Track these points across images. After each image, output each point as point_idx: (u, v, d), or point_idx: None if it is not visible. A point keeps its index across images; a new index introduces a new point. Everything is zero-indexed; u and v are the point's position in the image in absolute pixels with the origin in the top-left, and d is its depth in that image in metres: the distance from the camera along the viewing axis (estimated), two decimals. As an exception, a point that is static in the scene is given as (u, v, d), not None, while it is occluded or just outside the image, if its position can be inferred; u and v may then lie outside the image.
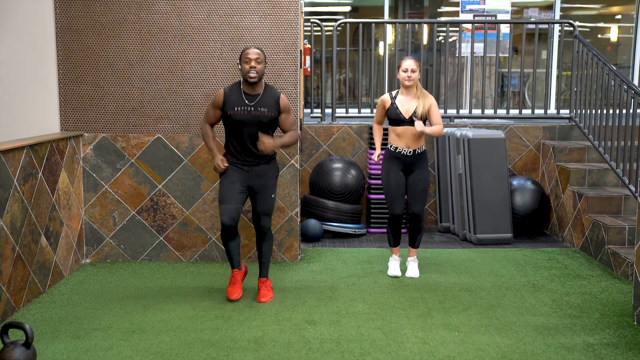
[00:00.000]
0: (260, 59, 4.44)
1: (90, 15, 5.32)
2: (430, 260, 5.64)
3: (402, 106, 4.99)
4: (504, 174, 6.35)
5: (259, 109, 4.48)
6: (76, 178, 5.37)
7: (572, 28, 7.06)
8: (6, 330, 3.23)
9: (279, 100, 4.55)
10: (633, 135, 5.54)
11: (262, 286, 4.67)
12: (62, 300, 4.61)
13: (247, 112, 4.47)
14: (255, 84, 4.49)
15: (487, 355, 3.70)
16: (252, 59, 4.42)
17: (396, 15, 10.51)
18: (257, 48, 4.48)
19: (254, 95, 4.51)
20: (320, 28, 7.21)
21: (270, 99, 4.53)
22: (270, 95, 4.54)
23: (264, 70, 4.49)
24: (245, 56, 4.45)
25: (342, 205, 6.50)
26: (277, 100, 4.54)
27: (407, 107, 4.99)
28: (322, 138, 6.98)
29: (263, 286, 4.67)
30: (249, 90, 4.51)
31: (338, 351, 3.75)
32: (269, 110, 4.50)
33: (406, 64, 4.96)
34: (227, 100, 4.51)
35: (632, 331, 4.08)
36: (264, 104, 4.50)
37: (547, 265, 5.53)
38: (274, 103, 4.53)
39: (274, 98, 4.54)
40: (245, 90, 4.52)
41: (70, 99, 5.40)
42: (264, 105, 4.50)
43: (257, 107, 4.48)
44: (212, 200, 5.51)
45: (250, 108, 4.47)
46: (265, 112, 4.49)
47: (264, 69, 4.49)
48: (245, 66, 4.44)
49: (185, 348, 3.79)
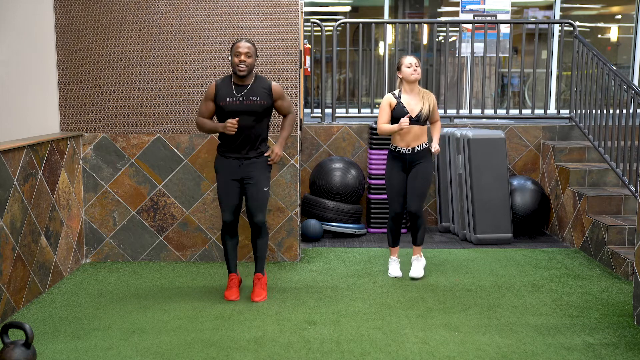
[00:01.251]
0: (250, 52, 4.47)
1: (90, 15, 5.32)
2: (430, 260, 5.64)
3: (407, 105, 4.98)
4: (504, 174, 6.34)
5: (250, 99, 4.51)
6: (76, 178, 5.37)
7: (572, 28, 7.06)
8: (6, 330, 3.23)
9: (271, 88, 4.58)
10: (633, 135, 5.53)
11: (257, 283, 4.68)
12: (62, 300, 4.61)
13: (239, 102, 4.50)
14: (245, 77, 4.52)
15: (487, 355, 3.70)
16: (242, 52, 4.45)
17: (396, 15, 10.52)
18: (248, 41, 4.50)
19: (244, 86, 4.54)
20: (320, 28, 7.21)
21: (261, 88, 4.56)
22: (260, 84, 4.58)
23: (254, 64, 4.52)
24: (235, 49, 4.47)
25: (342, 205, 6.50)
26: (269, 89, 4.58)
27: (412, 105, 4.97)
28: (322, 138, 6.98)
29: (258, 283, 4.68)
30: (239, 81, 4.55)
31: (338, 351, 3.75)
32: (261, 98, 4.53)
33: (408, 60, 4.95)
34: (219, 91, 4.55)
35: (632, 331, 4.08)
36: (254, 93, 4.53)
37: (547, 265, 5.53)
38: (265, 91, 4.56)
39: (265, 87, 4.57)
40: (235, 81, 4.56)
41: (70, 99, 5.40)
42: (255, 94, 4.53)
43: (249, 97, 4.51)
44: (212, 200, 5.51)
45: (242, 98, 4.50)
46: (257, 101, 4.52)
47: (254, 62, 4.52)
48: (235, 59, 4.47)
49: (185, 348, 3.79)
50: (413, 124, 4.95)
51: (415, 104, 4.98)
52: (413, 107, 4.96)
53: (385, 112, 5.02)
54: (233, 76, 4.57)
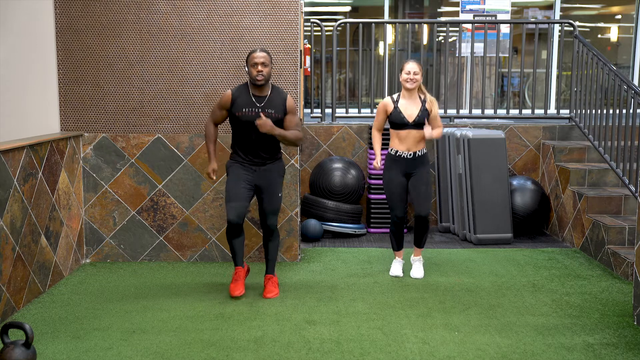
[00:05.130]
0: (266, 62, 4.49)
1: (90, 15, 5.32)
2: (430, 260, 5.64)
3: (405, 110, 4.97)
4: (504, 174, 6.34)
5: (266, 110, 4.53)
6: (76, 178, 5.37)
7: (572, 28, 7.06)
8: (6, 330, 3.23)
9: (286, 102, 4.60)
10: (633, 135, 5.53)
11: (268, 282, 4.72)
12: (62, 300, 4.61)
13: (255, 113, 4.52)
14: (262, 86, 4.54)
15: (487, 355, 3.70)
16: (258, 62, 4.46)
17: (396, 15, 10.51)
18: (264, 50, 4.51)
19: (262, 97, 4.56)
20: (320, 28, 7.21)
21: (278, 100, 4.58)
22: (277, 96, 4.59)
23: (270, 73, 4.54)
24: (252, 60, 4.48)
25: (342, 205, 6.50)
26: (284, 102, 4.59)
27: (410, 111, 4.97)
28: (322, 138, 6.98)
29: (269, 282, 4.72)
30: (257, 92, 4.56)
31: (338, 351, 3.75)
32: (276, 111, 4.55)
33: (409, 67, 4.94)
34: (235, 101, 4.55)
35: (632, 331, 4.08)
36: (272, 105, 4.55)
37: (547, 265, 5.53)
38: (281, 104, 4.58)
39: (281, 99, 4.59)
40: (253, 92, 4.56)
41: (70, 99, 5.40)
42: (272, 106, 4.55)
43: (265, 109, 4.53)
44: (212, 200, 5.51)
45: (259, 110, 4.52)
46: (272, 114, 4.54)
47: (270, 71, 4.54)
48: (252, 70, 4.48)
49: (185, 348, 3.79)
50: (412, 129, 4.95)
51: (413, 109, 4.97)
52: (410, 113, 4.96)
53: (380, 117, 5.07)
54: (250, 86, 4.57)
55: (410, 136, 4.96)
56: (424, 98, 5.01)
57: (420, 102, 4.99)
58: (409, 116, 4.95)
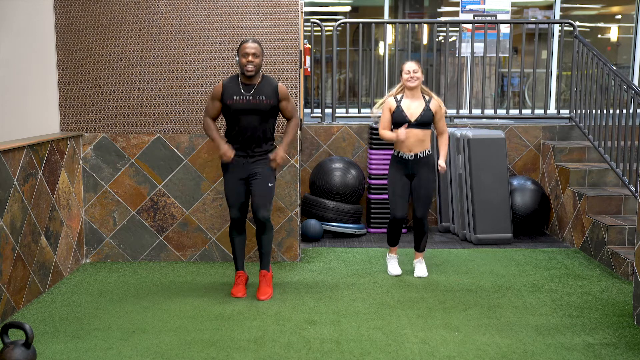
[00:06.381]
0: (257, 52, 4.51)
1: (90, 15, 5.32)
2: (430, 260, 5.64)
3: (407, 109, 4.97)
4: (504, 174, 6.34)
5: (257, 97, 4.55)
6: (76, 178, 5.37)
7: (572, 28, 7.06)
8: (6, 330, 3.23)
9: (277, 89, 4.62)
10: (633, 135, 5.53)
11: (262, 280, 4.70)
12: (62, 300, 4.61)
13: (245, 100, 4.54)
14: (252, 76, 4.55)
15: (487, 355, 3.70)
16: (249, 53, 4.49)
17: (396, 15, 10.51)
18: (255, 41, 4.54)
19: (252, 85, 4.58)
20: (320, 28, 7.21)
21: (268, 87, 4.59)
22: (267, 84, 4.61)
23: (261, 64, 4.57)
24: (243, 50, 4.51)
25: (342, 205, 6.50)
26: (276, 89, 4.61)
27: (412, 110, 4.97)
28: (322, 138, 6.98)
29: (263, 280, 4.69)
30: (247, 80, 4.59)
31: (338, 351, 3.75)
32: (267, 98, 4.57)
33: (408, 66, 4.95)
34: (226, 90, 4.59)
35: (632, 331, 4.08)
36: (261, 92, 4.57)
37: (547, 265, 5.53)
38: (272, 91, 4.59)
39: (271, 86, 4.61)
40: (243, 80, 4.59)
41: (70, 99, 5.40)
42: (262, 93, 4.56)
43: (255, 96, 4.55)
44: (212, 200, 5.51)
45: (248, 97, 4.54)
46: (264, 100, 4.55)
47: (261, 62, 4.56)
48: (242, 60, 4.51)
49: (185, 348, 3.79)
50: (412, 128, 4.95)
51: (415, 108, 4.97)
52: (413, 112, 4.96)
53: (385, 117, 5.04)
54: (240, 76, 4.61)
55: (411, 136, 4.96)
56: (429, 99, 5.01)
57: (424, 102, 4.99)
58: (410, 115, 4.95)
